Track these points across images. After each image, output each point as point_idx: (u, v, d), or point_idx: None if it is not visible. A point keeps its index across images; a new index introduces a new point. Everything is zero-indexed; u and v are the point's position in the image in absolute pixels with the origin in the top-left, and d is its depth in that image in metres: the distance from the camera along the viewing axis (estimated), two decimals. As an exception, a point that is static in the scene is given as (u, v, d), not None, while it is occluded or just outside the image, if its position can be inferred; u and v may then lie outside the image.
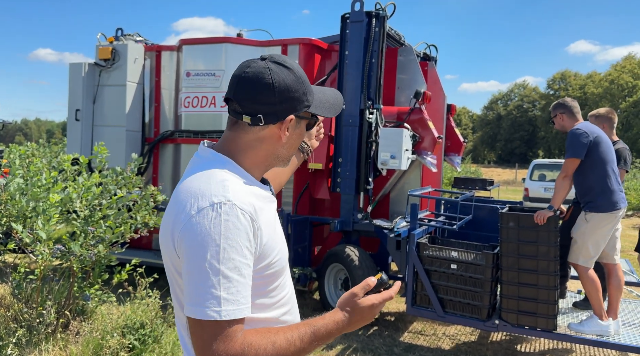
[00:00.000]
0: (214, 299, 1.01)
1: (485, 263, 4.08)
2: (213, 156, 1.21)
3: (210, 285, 1.02)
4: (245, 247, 1.07)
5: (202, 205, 1.07)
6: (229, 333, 1.02)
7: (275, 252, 1.18)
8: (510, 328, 4.05)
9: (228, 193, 1.09)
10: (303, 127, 1.28)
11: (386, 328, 4.93)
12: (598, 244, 3.98)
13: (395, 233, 4.74)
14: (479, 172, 24.69)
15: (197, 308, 1.02)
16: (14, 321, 3.59)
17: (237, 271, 1.04)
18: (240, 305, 1.04)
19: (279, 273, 1.22)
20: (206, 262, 1.03)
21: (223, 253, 1.03)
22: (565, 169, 3.99)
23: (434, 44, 6.69)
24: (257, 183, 1.23)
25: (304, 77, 1.23)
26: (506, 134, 59.98)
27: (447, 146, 6.41)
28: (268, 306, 1.20)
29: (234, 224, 1.05)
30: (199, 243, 1.04)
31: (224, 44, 5.76)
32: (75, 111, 6.35)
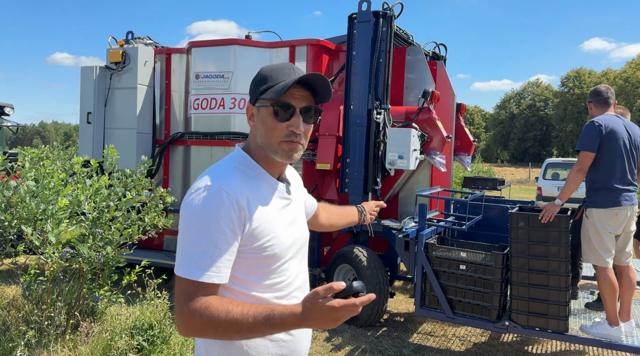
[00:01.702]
0: (189, 261, 1.23)
1: (495, 264, 4.04)
2: (236, 152, 1.42)
3: (189, 250, 1.23)
4: (225, 225, 1.24)
5: (199, 186, 1.28)
6: (193, 292, 1.22)
7: (268, 238, 1.32)
8: (521, 330, 4.00)
9: (222, 180, 1.29)
10: (265, 115, 1.35)
11: (395, 329, 4.90)
12: (603, 242, 3.89)
13: (403, 233, 4.71)
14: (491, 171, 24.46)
15: (177, 266, 1.25)
16: (25, 323, 3.63)
17: (213, 243, 1.22)
18: (209, 271, 1.22)
19: (275, 257, 1.34)
20: (189, 230, 1.24)
21: (202, 227, 1.23)
22: (579, 162, 3.89)
23: (443, 43, 6.65)
24: (267, 177, 1.39)
25: (264, 71, 1.36)
26: (519, 133, 59.44)
27: (457, 146, 6.36)
28: (267, 286, 1.34)
29: (216, 204, 1.24)
30: (186, 215, 1.26)
31: (232, 46, 5.77)
32: (87, 114, 6.42)
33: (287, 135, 1.34)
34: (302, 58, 5.54)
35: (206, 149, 5.85)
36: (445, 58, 6.66)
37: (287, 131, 1.34)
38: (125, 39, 6.59)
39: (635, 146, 3.94)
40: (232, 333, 1.20)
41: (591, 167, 3.89)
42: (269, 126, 1.34)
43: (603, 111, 4.03)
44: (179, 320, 1.23)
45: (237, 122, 5.68)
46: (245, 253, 1.29)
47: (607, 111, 4.03)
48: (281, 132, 1.34)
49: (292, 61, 5.55)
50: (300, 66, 5.53)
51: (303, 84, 1.35)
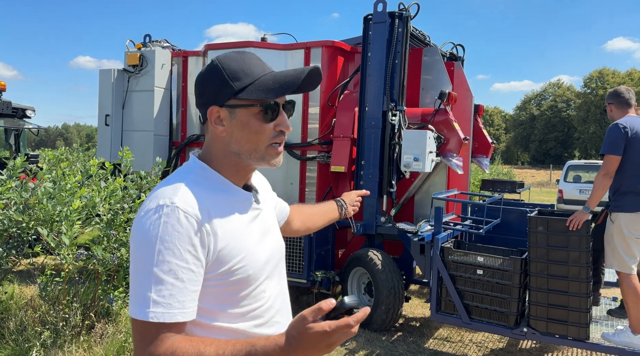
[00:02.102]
0: (145, 300, 1.02)
1: (513, 269, 3.95)
2: (191, 161, 1.23)
3: (144, 286, 1.03)
4: (186, 251, 1.05)
5: (150, 207, 1.08)
6: (155, 336, 1.02)
7: (238, 259, 1.13)
8: (540, 337, 3.90)
9: (175, 197, 1.08)
10: (246, 117, 1.15)
11: (411, 334, 4.83)
12: (629, 247, 3.77)
13: (419, 237, 4.64)
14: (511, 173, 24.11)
15: (132, 306, 1.04)
16: (41, 323, 3.67)
17: (173, 275, 1.03)
18: (172, 309, 1.02)
19: (248, 280, 1.15)
20: (142, 263, 1.04)
21: (158, 255, 1.03)
22: (605, 167, 3.78)
23: (461, 44, 6.55)
24: (230, 187, 1.20)
25: (227, 64, 1.15)
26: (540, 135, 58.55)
27: (475, 148, 6.26)
28: (239, 316, 1.16)
29: (172, 227, 1.04)
30: (138, 243, 1.06)
31: (247, 49, 5.76)
32: (105, 116, 6.50)
33: (275, 136, 1.18)
34: (317, 60, 5.51)
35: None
36: (463, 59, 6.56)
37: (274, 132, 1.18)
38: (142, 43, 6.65)
39: None
40: None
41: (617, 171, 3.77)
42: (255, 129, 1.16)
43: (624, 113, 3.92)
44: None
45: (252, 124, 5.67)
46: (211, 280, 1.10)
47: (629, 112, 3.92)
48: (269, 134, 1.17)
49: (307, 63, 5.52)
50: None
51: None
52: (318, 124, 5.50)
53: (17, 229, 3.87)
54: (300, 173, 5.53)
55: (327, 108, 5.52)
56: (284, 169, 5.57)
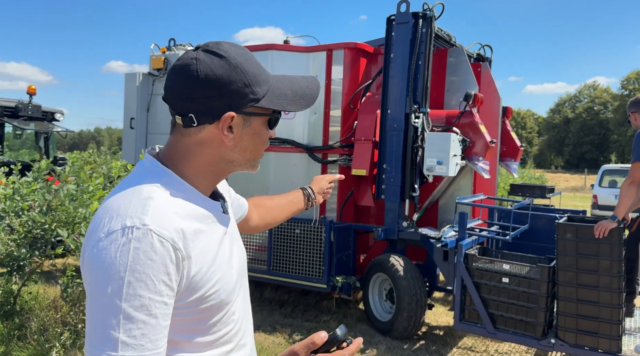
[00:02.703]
0: (111, 342, 0.85)
1: (541, 277, 3.79)
2: (151, 166, 1.04)
3: (109, 325, 0.85)
4: (161, 281, 0.88)
5: (113, 228, 0.90)
6: None
7: (211, 284, 0.99)
8: (568, 349, 3.73)
9: (146, 215, 0.90)
10: (257, 125, 1.05)
11: (434, 342, 4.69)
12: None
13: (442, 242, 4.51)
14: (544, 178, 23.47)
15: (93, 349, 0.86)
16: (62, 324, 3.71)
17: (146, 311, 0.87)
18: (144, 350, 0.86)
19: (217, 307, 1.02)
20: (107, 298, 0.86)
21: (128, 288, 0.86)
22: (631, 175, 3.64)
23: (489, 44, 6.38)
24: (200, 198, 1.04)
25: (245, 65, 1.01)
26: (575, 138, 56.89)
27: (503, 151, 6.08)
28: (207, 344, 1.02)
29: (145, 254, 0.87)
30: (102, 273, 0.87)
31: (269, 51, 5.75)
32: (130, 120, 6.59)
33: (267, 142, 1.11)
34: (339, 62, 5.44)
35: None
36: (491, 60, 6.38)
37: (267, 139, 1.10)
38: (167, 46, 6.73)
39: None
40: None
41: None
42: (263, 138, 1.07)
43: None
44: None
45: (274, 127, 5.64)
46: (179, 309, 0.95)
47: None
48: (267, 142, 1.09)
49: (329, 65, 5.46)
50: (337, 69, 5.44)
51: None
52: (340, 126, 5.43)
53: (41, 230, 3.93)
54: (321, 176, 5.46)
55: (349, 111, 5.44)
56: (305, 172, 5.52)
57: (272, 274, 5.31)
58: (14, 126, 7.70)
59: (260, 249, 5.39)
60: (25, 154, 9.49)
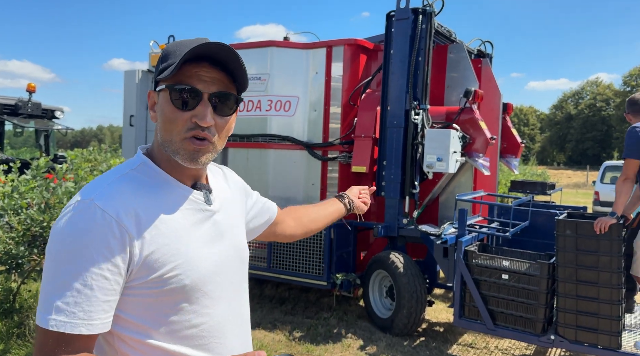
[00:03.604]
0: (49, 305, 0.90)
1: (540, 274, 3.78)
2: (135, 156, 1.10)
3: (50, 290, 0.91)
4: (99, 254, 0.91)
5: (70, 203, 0.97)
6: (53, 347, 0.89)
7: (171, 266, 0.98)
8: (568, 345, 3.71)
9: (96, 192, 0.96)
10: (163, 101, 1.03)
11: (434, 339, 4.69)
12: None
13: (442, 239, 4.50)
14: (546, 174, 23.42)
15: (37, 313, 0.92)
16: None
17: (81, 280, 0.89)
18: (75, 318, 0.89)
19: (181, 291, 1.00)
20: (52, 264, 0.92)
21: (66, 256, 0.91)
22: (624, 171, 3.65)
23: (489, 40, 6.36)
24: (172, 185, 1.05)
25: (172, 47, 1.03)
26: (577, 135, 56.72)
27: (503, 148, 6.06)
28: (173, 333, 1.01)
29: (85, 225, 0.92)
30: (51, 242, 0.94)
31: (269, 48, 5.74)
32: (130, 117, 6.60)
33: (190, 128, 1.01)
34: (338, 58, 5.43)
35: (242, 152, 5.85)
36: (492, 56, 6.36)
37: (190, 124, 1.01)
38: (166, 43, 6.72)
39: None
40: None
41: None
42: (168, 115, 1.01)
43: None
44: None
45: (273, 124, 5.64)
46: (138, 288, 0.96)
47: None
48: (183, 124, 1.01)
49: (329, 61, 5.45)
50: (337, 66, 5.43)
51: (213, 62, 1.01)
52: (339, 123, 5.42)
53: (40, 228, 3.93)
54: (321, 174, 5.45)
55: (348, 107, 5.43)
56: (305, 169, 5.51)
57: (272, 272, 5.31)
58: (14, 123, 7.70)
59: (260, 247, 5.38)
60: (26, 152, 9.50)
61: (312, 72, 5.54)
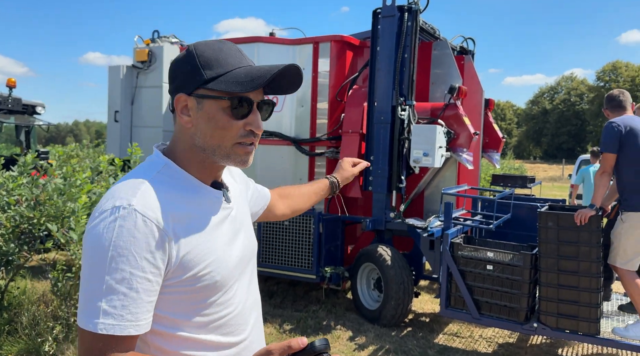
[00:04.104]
0: (94, 310, 0.93)
1: (523, 264, 3.92)
2: (154, 156, 1.13)
3: (95, 295, 0.94)
4: (143, 258, 0.96)
5: (105, 208, 0.99)
6: (103, 349, 0.93)
7: (204, 264, 1.05)
8: (550, 332, 3.87)
9: (134, 197, 0.99)
10: (214, 110, 1.06)
11: (420, 329, 4.82)
12: (637, 246, 3.76)
13: (428, 232, 4.62)
14: (523, 168, 23.89)
15: (80, 316, 0.96)
16: (53, 318, 3.71)
17: (127, 284, 0.94)
18: (123, 321, 0.93)
19: (213, 287, 1.07)
20: (92, 269, 0.95)
21: (111, 262, 0.94)
22: (602, 165, 3.82)
23: (472, 37, 6.48)
24: (196, 185, 1.11)
25: (205, 52, 1.06)
26: (553, 129, 57.94)
27: (485, 143, 6.21)
28: (204, 325, 1.08)
29: (128, 232, 0.95)
30: (90, 248, 0.97)
31: (256, 44, 5.77)
32: (115, 113, 6.55)
33: (244, 135, 1.08)
34: (325, 54, 5.49)
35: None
36: (474, 52, 6.49)
37: (243, 131, 1.07)
38: (151, 38, 6.68)
39: None
40: None
41: (622, 169, 3.78)
42: (222, 124, 1.06)
43: (620, 115, 3.92)
44: None
45: (260, 119, 5.67)
46: (173, 287, 1.02)
47: (625, 113, 3.93)
48: (237, 131, 1.07)
49: (316, 57, 5.51)
50: (323, 62, 5.49)
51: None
52: (327, 119, 5.49)
53: (29, 225, 3.91)
54: (309, 169, 5.52)
55: (335, 103, 5.50)
56: (292, 164, 5.57)
57: (261, 266, 5.36)
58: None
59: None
60: (3, 148, 9.32)
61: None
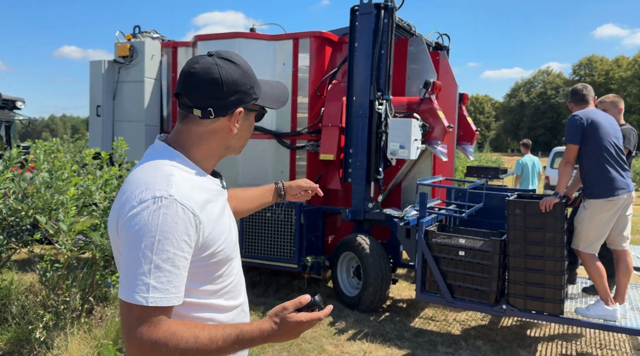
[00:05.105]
0: (144, 285, 1.10)
1: (493, 250, 4.15)
2: (164, 149, 1.29)
3: (142, 272, 1.10)
4: (183, 240, 1.14)
5: (145, 198, 1.14)
6: (154, 319, 1.10)
7: (219, 242, 1.25)
8: (518, 313, 4.12)
9: (171, 188, 1.16)
10: (252, 119, 1.36)
11: (397, 314, 5.05)
12: (598, 231, 4.00)
13: (404, 221, 4.83)
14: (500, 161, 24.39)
15: (128, 292, 1.10)
16: (42, 307, 3.82)
17: (171, 263, 1.12)
18: (169, 294, 1.12)
19: (223, 261, 1.29)
20: (141, 251, 1.11)
21: (158, 244, 1.11)
22: (565, 156, 4.05)
23: (446, 33, 6.70)
24: (205, 176, 1.30)
25: (250, 72, 1.31)
26: (529, 122, 59.03)
27: (460, 135, 6.45)
28: (213, 292, 1.29)
29: (172, 218, 1.13)
30: (137, 233, 1.12)
31: (237, 39, 5.88)
32: (97, 107, 6.60)
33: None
34: (305, 50, 5.64)
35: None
36: (449, 48, 6.71)
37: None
38: (132, 34, 6.73)
39: (616, 136, 4.05)
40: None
41: (584, 159, 4.00)
42: (250, 128, 1.37)
43: (583, 108, 4.17)
44: (137, 351, 1.11)
45: (242, 114, 5.81)
46: (195, 262, 1.21)
47: (588, 107, 4.17)
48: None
49: (296, 53, 5.65)
50: (303, 57, 5.64)
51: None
52: (307, 113, 5.65)
53: (16, 217, 4.00)
54: (290, 162, 5.68)
55: (315, 98, 5.66)
56: (274, 158, 5.72)
57: (244, 257, 5.51)
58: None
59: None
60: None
61: (279, 63, 5.73)
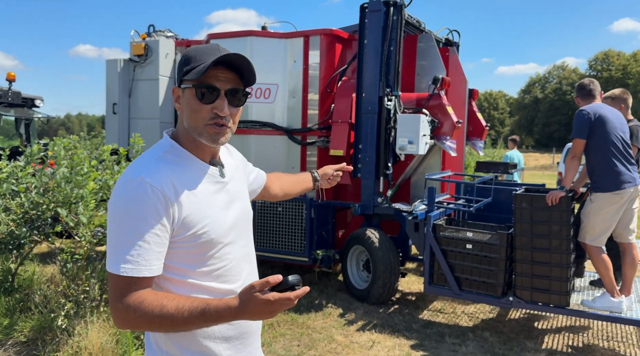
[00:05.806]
0: (118, 257, 1.24)
1: (500, 243, 4.22)
2: (162, 141, 1.40)
3: (117, 245, 1.25)
4: (152, 217, 1.24)
5: (122, 180, 1.29)
6: (125, 288, 1.23)
7: (202, 225, 1.31)
8: (524, 305, 4.19)
9: (144, 171, 1.28)
10: (188, 97, 1.33)
11: (406, 306, 5.14)
12: (604, 224, 4.04)
13: (413, 215, 4.92)
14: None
15: (108, 262, 1.26)
16: (63, 296, 3.99)
17: (140, 237, 1.23)
18: (139, 265, 1.23)
19: (211, 243, 1.34)
20: (115, 225, 1.25)
21: (128, 221, 1.24)
22: (572, 150, 4.09)
23: (456, 29, 6.75)
24: (196, 162, 1.37)
25: (190, 52, 1.34)
26: (544, 118, 58.32)
27: (469, 131, 6.50)
28: (205, 274, 1.35)
29: (139, 197, 1.24)
30: (112, 211, 1.27)
31: (249, 37, 6.00)
32: (113, 105, 6.78)
33: (212, 118, 1.33)
34: (315, 47, 5.74)
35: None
36: (458, 44, 6.76)
37: (211, 114, 1.32)
38: (147, 32, 6.90)
39: (623, 130, 4.08)
40: (167, 326, 1.23)
41: (591, 154, 4.05)
42: (193, 108, 1.33)
43: (589, 103, 4.20)
44: (113, 314, 1.25)
45: (254, 110, 5.94)
46: (179, 242, 1.30)
47: (594, 102, 4.21)
48: (206, 114, 1.32)
49: (306, 50, 5.76)
50: (314, 54, 5.74)
51: (227, 65, 1.33)
52: (317, 110, 5.75)
53: (37, 211, 4.17)
54: (301, 158, 5.79)
55: (326, 94, 5.76)
56: (285, 153, 5.84)
57: (256, 250, 5.63)
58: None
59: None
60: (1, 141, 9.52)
61: (290, 60, 5.84)
